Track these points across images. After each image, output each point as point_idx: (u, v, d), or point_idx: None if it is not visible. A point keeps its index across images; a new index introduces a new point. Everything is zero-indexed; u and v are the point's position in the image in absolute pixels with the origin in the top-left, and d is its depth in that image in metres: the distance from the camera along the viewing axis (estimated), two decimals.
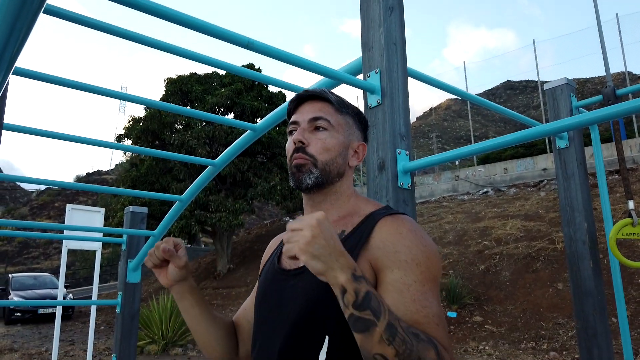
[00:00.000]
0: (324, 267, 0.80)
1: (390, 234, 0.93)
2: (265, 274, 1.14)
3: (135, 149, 2.22)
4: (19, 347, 9.87)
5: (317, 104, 1.09)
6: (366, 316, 0.77)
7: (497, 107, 2.21)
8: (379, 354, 0.76)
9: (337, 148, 1.07)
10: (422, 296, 0.87)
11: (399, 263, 0.89)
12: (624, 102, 1.00)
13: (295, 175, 1.05)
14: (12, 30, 0.49)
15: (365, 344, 0.77)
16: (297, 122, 1.09)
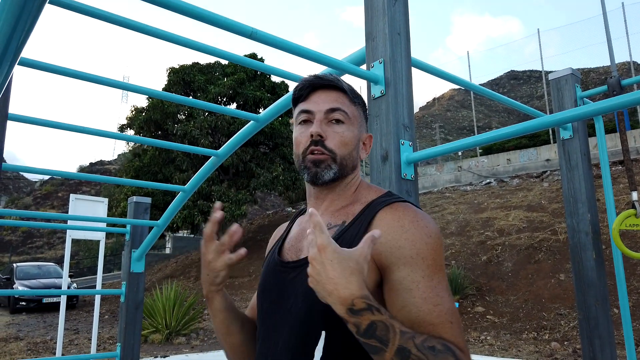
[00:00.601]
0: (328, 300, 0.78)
1: (392, 227, 0.90)
2: (266, 264, 1.11)
3: (138, 139, 2.23)
4: (24, 336, 9.96)
5: (332, 93, 1.03)
6: (373, 344, 0.75)
7: (501, 97, 2.20)
8: None
9: (353, 142, 1.03)
10: (432, 292, 0.84)
11: (404, 259, 0.86)
12: (629, 93, 0.99)
13: (311, 170, 0.99)
14: (17, 22, 0.49)
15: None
16: (312, 111, 1.02)
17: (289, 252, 1.05)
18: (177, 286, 10.13)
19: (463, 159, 18.46)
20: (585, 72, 39.10)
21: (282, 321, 0.96)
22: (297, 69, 35.72)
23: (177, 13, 1.14)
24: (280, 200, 30.63)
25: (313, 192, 1.06)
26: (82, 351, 8.40)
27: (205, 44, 1.47)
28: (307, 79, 1.05)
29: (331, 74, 1.06)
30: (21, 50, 0.55)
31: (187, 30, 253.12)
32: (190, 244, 25.73)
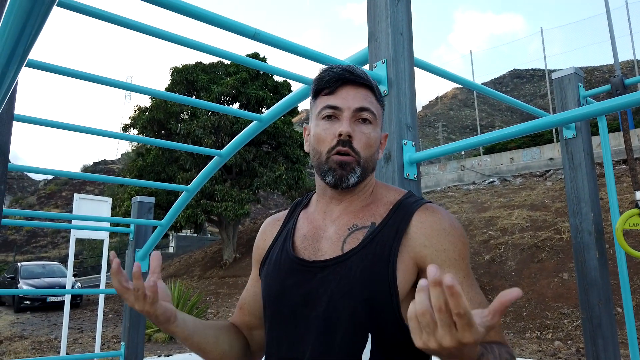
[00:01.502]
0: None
1: (435, 230, 0.91)
2: (276, 264, 1.02)
3: (142, 139, 2.23)
4: (29, 335, 10.01)
5: (362, 90, 0.97)
6: None
7: (504, 97, 2.20)
8: None
9: (376, 143, 0.99)
10: (474, 291, 0.89)
11: (450, 261, 0.90)
12: (632, 92, 0.99)
13: (336, 172, 0.94)
14: (24, 26, 0.50)
15: None
16: (340, 108, 0.95)
17: (305, 252, 0.99)
18: (180, 285, 10.16)
19: (466, 158, 18.43)
20: (589, 71, 38.96)
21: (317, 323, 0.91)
22: (300, 69, 35.14)
23: (181, 15, 1.15)
24: (283, 199, 30.65)
25: (330, 193, 1.01)
26: (86, 350, 8.43)
27: (208, 45, 1.47)
28: (335, 71, 0.97)
29: (360, 68, 1.00)
30: (28, 53, 0.56)
31: (189, 30, 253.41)
32: (193, 243, 25.79)
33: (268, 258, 1.07)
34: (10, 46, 0.53)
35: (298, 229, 1.05)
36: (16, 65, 0.59)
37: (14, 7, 0.48)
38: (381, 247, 0.89)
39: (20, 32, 0.51)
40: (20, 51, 0.54)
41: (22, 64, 0.60)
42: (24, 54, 0.56)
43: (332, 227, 0.99)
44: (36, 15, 0.50)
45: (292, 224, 1.07)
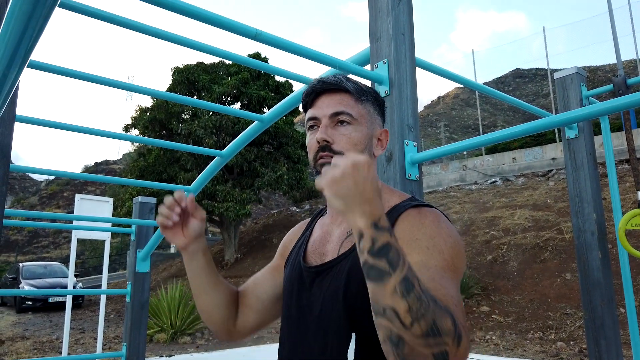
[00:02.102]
0: (345, 208, 0.75)
1: (412, 224, 0.90)
2: (290, 268, 1.10)
3: (143, 139, 2.23)
4: (31, 335, 10.02)
5: (335, 96, 1.02)
6: (381, 265, 0.71)
7: (506, 97, 2.20)
8: (389, 307, 0.69)
9: (363, 141, 1.01)
10: (442, 279, 0.81)
11: (420, 249, 0.85)
12: (635, 92, 0.99)
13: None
14: (26, 27, 0.50)
15: (377, 294, 0.71)
16: (317, 117, 1.02)
17: (312, 256, 1.06)
18: (182, 286, 10.16)
19: (468, 158, 18.41)
20: (592, 70, 38.90)
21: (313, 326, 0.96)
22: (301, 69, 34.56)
23: (182, 15, 1.15)
24: (284, 199, 30.66)
25: None
26: (87, 350, 8.44)
27: (210, 45, 1.47)
28: (311, 84, 1.04)
29: (335, 75, 1.05)
30: (30, 54, 0.56)
31: (191, 30, 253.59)
32: None
33: (289, 261, 1.14)
34: (12, 47, 0.53)
35: (312, 235, 1.12)
36: (18, 66, 0.59)
37: (15, 9, 0.48)
38: None
39: (22, 33, 0.51)
40: (22, 52, 0.54)
41: (24, 65, 0.60)
42: (26, 55, 0.56)
43: (336, 231, 1.05)
44: (38, 17, 0.50)
45: (309, 232, 1.14)
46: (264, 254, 16.79)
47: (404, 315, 0.67)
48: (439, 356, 0.67)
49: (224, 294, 1.13)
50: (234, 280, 15.34)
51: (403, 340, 0.68)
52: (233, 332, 1.16)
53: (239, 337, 1.17)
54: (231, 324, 1.15)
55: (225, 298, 1.13)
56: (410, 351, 0.68)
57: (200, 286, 1.11)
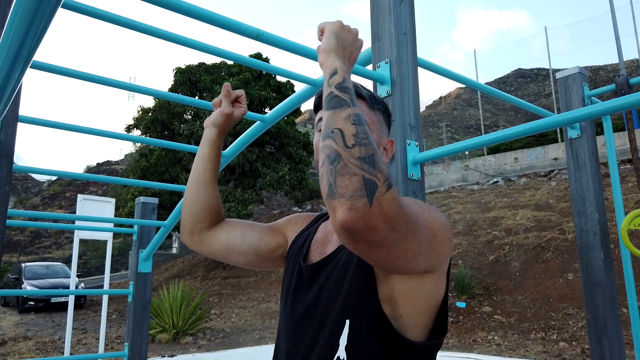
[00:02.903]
0: (335, 46, 0.89)
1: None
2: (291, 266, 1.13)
3: (145, 140, 2.24)
4: (33, 335, 10.04)
5: None
6: (344, 97, 0.79)
7: (508, 96, 2.20)
8: (338, 128, 0.74)
9: None
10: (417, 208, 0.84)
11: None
12: (637, 92, 0.98)
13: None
14: (29, 28, 0.50)
15: (331, 118, 0.76)
16: None
17: (313, 255, 1.09)
18: (184, 286, 10.17)
19: (470, 158, 18.39)
20: (594, 70, 38.82)
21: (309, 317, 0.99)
22: (303, 69, 34.81)
23: (184, 15, 1.15)
24: (286, 199, 30.67)
25: None
26: (90, 350, 8.45)
27: (211, 45, 1.47)
28: None
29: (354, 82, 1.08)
30: (33, 54, 0.56)
31: (192, 31, 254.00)
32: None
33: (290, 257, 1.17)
34: (15, 48, 0.53)
35: (316, 236, 1.15)
36: (21, 66, 0.59)
37: (19, 9, 0.48)
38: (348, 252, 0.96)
39: (25, 33, 0.51)
40: (25, 53, 0.54)
41: (26, 66, 0.60)
42: (29, 56, 0.56)
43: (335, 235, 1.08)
44: (41, 17, 0.50)
45: (312, 232, 1.17)
46: None
47: (348, 137, 0.72)
48: (369, 182, 0.67)
49: (209, 193, 1.19)
50: (235, 280, 15.35)
51: (340, 156, 0.70)
52: (194, 236, 1.22)
53: (198, 247, 1.23)
54: (198, 229, 1.20)
55: (209, 199, 1.19)
56: (344, 167, 0.69)
57: (200, 159, 1.20)
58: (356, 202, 0.66)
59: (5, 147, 1.28)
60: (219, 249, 1.20)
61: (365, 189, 0.66)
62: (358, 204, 0.65)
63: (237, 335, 9.34)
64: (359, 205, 0.65)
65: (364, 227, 0.66)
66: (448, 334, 7.85)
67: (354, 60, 0.94)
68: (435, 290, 0.90)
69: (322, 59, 0.89)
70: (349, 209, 0.66)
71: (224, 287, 14.93)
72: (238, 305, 12.27)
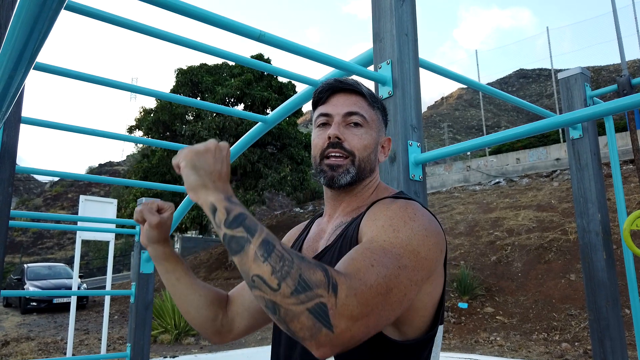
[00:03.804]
0: (198, 182, 0.79)
1: (378, 208, 0.90)
2: None
3: (147, 140, 2.24)
4: (35, 336, 10.06)
5: (351, 96, 1.04)
6: (239, 234, 0.71)
7: (510, 97, 2.20)
8: (255, 274, 0.67)
9: (372, 145, 1.03)
10: (381, 249, 0.76)
11: (375, 227, 0.84)
12: (639, 92, 0.98)
13: (327, 173, 1.00)
14: (32, 29, 0.50)
15: (243, 265, 0.69)
16: (330, 114, 1.02)
17: (306, 252, 1.07)
18: None
19: (472, 158, 18.37)
20: (596, 70, 38.75)
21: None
22: (304, 70, 35.07)
23: (186, 17, 1.15)
24: (288, 200, 30.67)
25: (330, 195, 1.07)
26: (92, 351, 8.46)
27: (213, 46, 1.47)
28: (327, 82, 1.05)
29: (353, 79, 1.07)
30: (36, 56, 0.56)
31: (193, 32, 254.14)
32: (198, 244, 25.80)
33: None
34: (18, 49, 0.54)
35: (309, 235, 1.13)
36: (24, 68, 0.59)
37: (22, 11, 0.48)
38: (347, 238, 0.93)
39: (28, 35, 0.51)
40: (28, 54, 0.55)
41: (29, 67, 0.60)
42: (32, 57, 0.56)
43: (330, 227, 1.05)
44: (44, 19, 0.50)
45: (306, 233, 1.15)
46: None
47: (269, 279, 0.66)
48: (316, 310, 0.63)
49: (200, 297, 1.11)
50: (237, 281, 15.36)
51: (276, 304, 0.65)
52: (222, 334, 1.15)
53: (229, 339, 1.16)
54: (218, 325, 1.13)
55: (203, 301, 1.11)
56: (286, 313, 0.64)
57: (170, 288, 1.11)
58: (319, 338, 0.63)
59: (7, 148, 1.29)
60: (248, 322, 1.14)
61: (317, 320, 0.63)
62: (321, 339, 0.63)
63: None
64: (322, 340, 0.63)
65: (343, 346, 0.64)
66: (450, 335, 7.84)
67: (226, 175, 0.83)
68: (432, 291, 0.89)
69: (193, 198, 0.82)
70: (317, 347, 0.64)
71: (225, 288, 14.86)
72: None
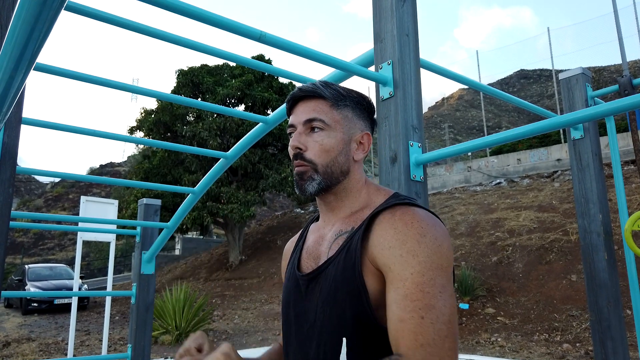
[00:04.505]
0: None
1: (385, 229, 0.90)
2: (287, 278, 1.11)
3: (148, 141, 2.24)
4: (36, 337, 10.06)
5: (310, 103, 1.03)
6: None
7: (511, 97, 2.19)
8: None
9: (336, 147, 1.01)
10: (417, 288, 0.82)
11: (394, 259, 0.86)
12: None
13: (297, 183, 1.02)
14: (33, 30, 0.50)
15: None
16: (294, 124, 1.04)
17: (307, 261, 1.06)
18: (186, 287, 10.18)
19: (473, 159, 18.35)
20: (597, 71, 38.74)
21: (309, 334, 0.97)
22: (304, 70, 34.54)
23: (186, 17, 1.15)
24: (289, 201, 30.67)
25: (319, 201, 1.08)
26: (93, 352, 8.46)
27: (214, 47, 1.47)
28: (292, 92, 1.07)
29: (313, 83, 1.06)
30: (36, 56, 0.56)
31: (194, 32, 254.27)
32: (199, 245, 25.83)
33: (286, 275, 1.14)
34: (19, 50, 0.54)
35: (306, 241, 1.12)
36: (24, 69, 0.59)
37: (22, 12, 0.48)
38: (351, 252, 0.93)
39: (28, 36, 0.51)
40: (29, 55, 0.54)
41: (30, 68, 0.60)
42: (32, 58, 0.56)
43: (328, 234, 1.04)
44: (44, 20, 0.50)
45: (302, 241, 1.14)
46: (268, 256, 16.80)
47: None
48: None
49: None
50: (238, 282, 15.36)
51: None
52: None
53: None
54: None
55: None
56: None
57: None
58: None
59: (8, 148, 1.29)
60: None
61: None
62: None
63: (240, 337, 9.34)
64: None
65: None
66: None
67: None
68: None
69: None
70: None
71: (226, 289, 14.94)
72: (241, 306, 12.27)
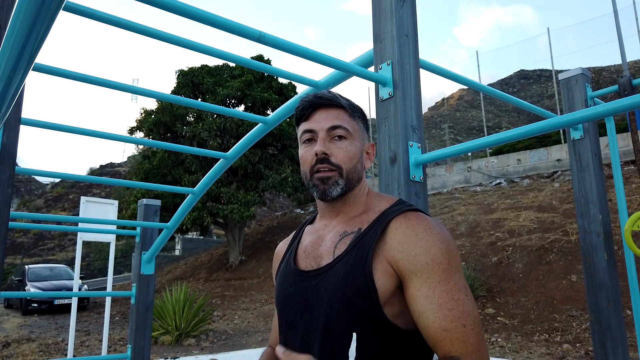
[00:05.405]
0: None
1: (407, 235, 0.95)
2: (282, 276, 1.13)
3: (148, 142, 2.24)
4: (36, 337, 10.06)
5: (332, 111, 1.08)
6: None
7: (511, 98, 2.19)
8: None
9: (357, 155, 1.08)
10: (448, 296, 0.89)
11: (421, 266, 0.91)
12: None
13: (319, 187, 1.05)
14: (31, 30, 0.50)
15: None
16: (314, 130, 1.07)
17: (306, 260, 1.08)
18: (186, 288, 10.17)
19: (473, 159, 18.35)
20: (597, 71, 38.73)
21: (313, 329, 0.99)
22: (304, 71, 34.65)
23: (186, 18, 1.15)
24: (289, 201, 30.68)
25: (324, 206, 1.11)
26: (93, 352, 8.46)
27: (213, 47, 1.47)
28: (307, 99, 1.10)
29: (329, 92, 1.11)
30: (35, 57, 0.56)
31: (194, 33, 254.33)
32: (199, 246, 25.84)
33: (279, 273, 1.17)
34: (17, 50, 0.53)
35: (302, 242, 1.15)
36: (23, 69, 0.59)
37: (20, 12, 0.48)
38: (362, 251, 0.96)
39: (27, 36, 0.51)
40: (27, 55, 0.54)
41: (29, 68, 0.60)
42: (31, 58, 0.56)
43: (329, 236, 1.08)
44: (42, 20, 0.50)
45: (297, 241, 1.17)
46: (268, 256, 16.79)
47: None
48: None
49: None
50: (238, 282, 15.35)
51: None
52: None
53: None
54: None
55: None
56: None
57: None
58: None
59: (7, 149, 1.29)
60: None
61: None
62: None
63: (240, 337, 9.33)
64: None
65: None
66: None
67: None
68: None
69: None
70: None
71: (226, 289, 14.93)
72: (241, 307, 12.27)
